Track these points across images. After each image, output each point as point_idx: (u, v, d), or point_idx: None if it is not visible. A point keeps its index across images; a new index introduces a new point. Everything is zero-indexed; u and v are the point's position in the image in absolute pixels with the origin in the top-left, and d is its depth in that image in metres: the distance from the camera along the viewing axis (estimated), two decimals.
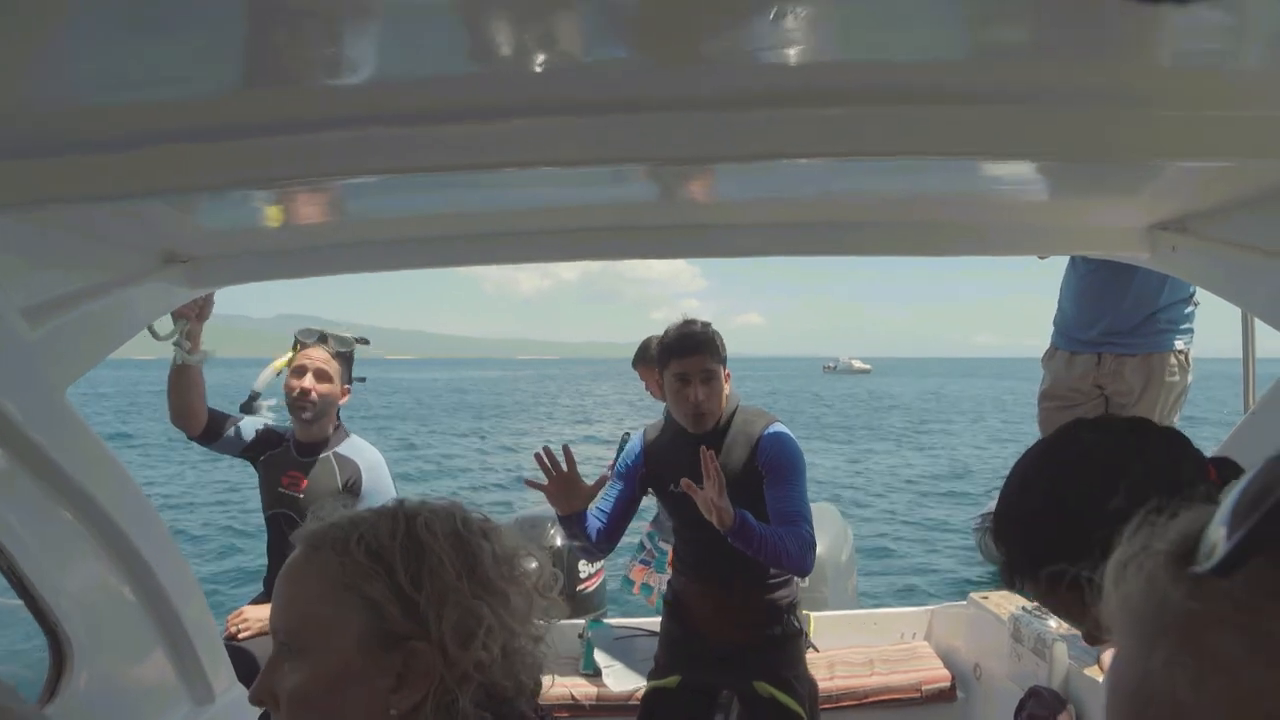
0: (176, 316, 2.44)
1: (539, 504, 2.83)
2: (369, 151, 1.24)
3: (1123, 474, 0.92)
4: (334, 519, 1.04)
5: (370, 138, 1.22)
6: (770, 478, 2.43)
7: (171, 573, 2.01)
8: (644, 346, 3.95)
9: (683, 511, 2.51)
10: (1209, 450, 2.21)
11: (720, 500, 2.19)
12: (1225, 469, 1.02)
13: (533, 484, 2.42)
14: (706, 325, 2.48)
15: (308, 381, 2.84)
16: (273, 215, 1.82)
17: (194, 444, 2.92)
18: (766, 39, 1.07)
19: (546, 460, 2.38)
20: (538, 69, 1.07)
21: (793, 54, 1.07)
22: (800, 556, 2.34)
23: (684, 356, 2.41)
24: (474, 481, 19.86)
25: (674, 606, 2.68)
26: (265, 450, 2.92)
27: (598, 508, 2.64)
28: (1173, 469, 1.01)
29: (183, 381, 2.71)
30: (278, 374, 2.98)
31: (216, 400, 2.90)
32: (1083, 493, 0.97)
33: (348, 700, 0.97)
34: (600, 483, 2.46)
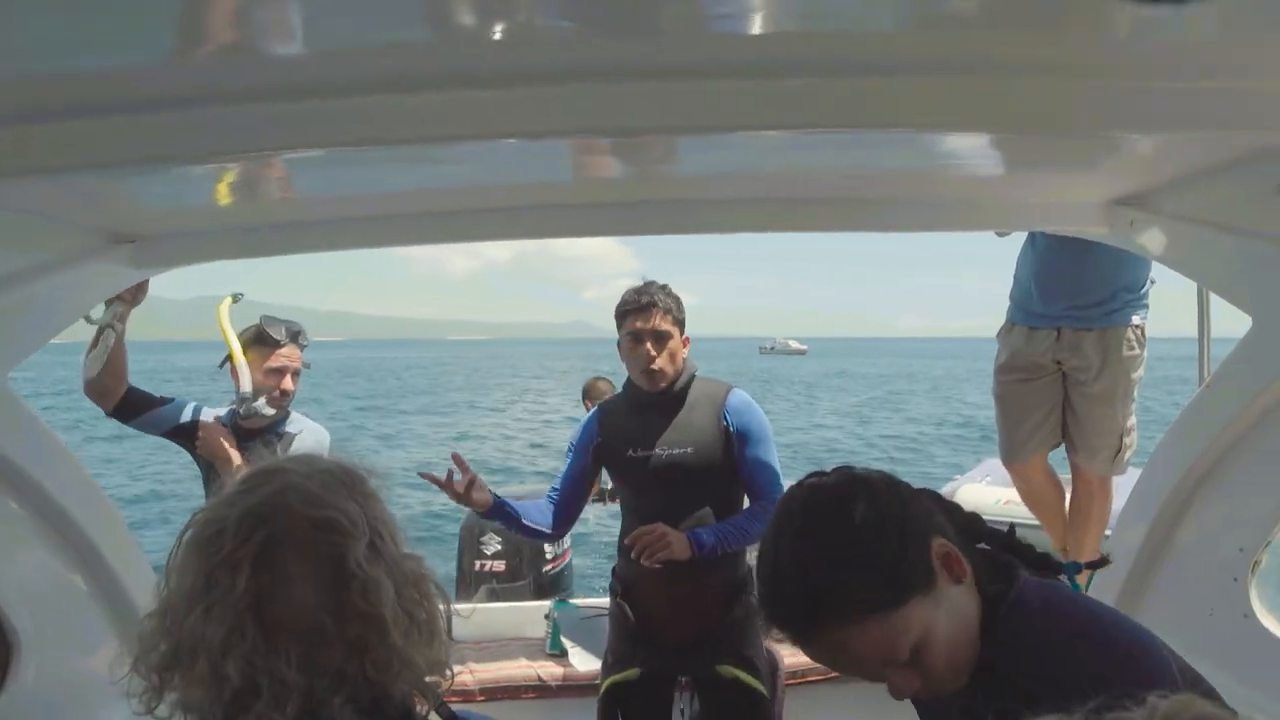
0: (110, 301, 2.34)
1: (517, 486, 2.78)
2: (315, 124, 1.21)
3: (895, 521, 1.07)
4: None
5: (316, 109, 1.18)
6: (745, 441, 2.51)
7: (125, 561, 1.96)
8: (587, 387, 5.05)
9: (635, 480, 2.54)
10: (1166, 423, 2.22)
11: (670, 547, 2.34)
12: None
13: (428, 477, 2.42)
14: (665, 287, 2.56)
15: (288, 383, 2.79)
16: (221, 193, 1.75)
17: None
18: (720, 8, 1.05)
19: (457, 467, 2.41)
20: (491, 37, 1.05)
21: (747, 24, 1.05)
22: None
23: (636, 315, 2.51)
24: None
25: (624, 596, 2.59)
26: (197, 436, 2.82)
27: (552, 487, 2.65)
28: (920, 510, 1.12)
29: (108, 361, 2.52)
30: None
31: (144, 385, 2.76)
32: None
33: None
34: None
